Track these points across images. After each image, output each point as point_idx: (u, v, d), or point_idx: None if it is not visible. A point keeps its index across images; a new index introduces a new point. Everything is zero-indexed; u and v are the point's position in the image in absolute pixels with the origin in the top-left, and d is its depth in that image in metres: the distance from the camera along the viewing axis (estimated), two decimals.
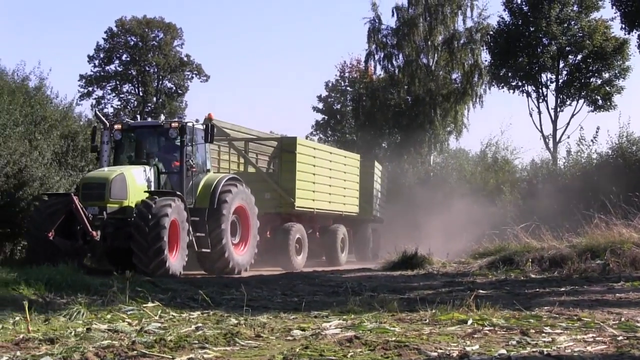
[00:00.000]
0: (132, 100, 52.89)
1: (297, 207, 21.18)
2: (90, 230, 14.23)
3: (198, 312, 7.89)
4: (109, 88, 53.03)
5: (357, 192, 25.28)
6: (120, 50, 53.10)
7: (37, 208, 15.25)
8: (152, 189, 15.44)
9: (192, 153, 16.28)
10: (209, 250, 15.66)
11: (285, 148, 21.58)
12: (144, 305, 7.91)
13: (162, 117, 17.58)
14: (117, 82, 53.19)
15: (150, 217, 14.06)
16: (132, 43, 52.74)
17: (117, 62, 53.17)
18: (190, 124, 16.34)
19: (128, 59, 52.93)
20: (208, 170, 16.96)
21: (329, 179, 23.30)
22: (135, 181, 15.21)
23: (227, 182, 16.46)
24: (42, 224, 14.39)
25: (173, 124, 16.33)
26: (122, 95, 52.86)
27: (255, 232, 17.28)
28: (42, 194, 16.80)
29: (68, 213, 14.44)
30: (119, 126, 16.76)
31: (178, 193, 15.28)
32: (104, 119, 17.22)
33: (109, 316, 7.30)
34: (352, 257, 25.69)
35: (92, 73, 52.68)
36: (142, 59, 52.64)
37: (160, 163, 16.25)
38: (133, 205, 14.79)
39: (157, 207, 14.23)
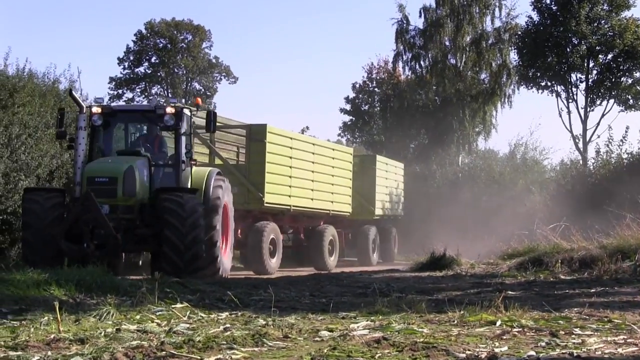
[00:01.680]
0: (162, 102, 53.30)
1: (267, 203, 18.77)
2: (115, 232, 12.76)
3: (226, 313, 7.92)
4: (139, 90, 53.51)
5: (350, 189, 23.22)
6: (150, 53, 53.54)
7: (35, 203, 13.22)
8: (148, 184, 13.86)
9: (191, 143, 14.63)
10: (203, 254, 13.83)
11: (254, 137, 18.93)
12: (173, 306, 7.96)
13: (155, 101, 15.64)
14: (146, 84, 53.64)
15: (185, 217, 12.83)
16: (161, 45, 53.17)
17: (146, 64, 53.66)
18: (187, 110, 14.73)
19: (157, 61, 53.33)
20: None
21: (312, 174, 20.93)
22: (141, 175, 13.63)
23: (217, 177, 14.84)
24: (44, 223, 12.93)
25: (168, 109, 14.18)
26: (151, 97, 53.39)
27: (233, 232, 15.79)
28: (36, 188, 15.02)
29: (77, 212, 12.95)
30: (98, 110, 14.39)
31: (194, 189, 14.00)
32: (79, 100, 14.73)
33: (138, 317, 7.35)
34: (352, 261, 24.39)
35: (121, 75, 53.18)
36: (170, 61, 53.01)
37: (148, 154, 14.34)
38: (137, 203, 13.40)
39: (190, 206, 12.97)
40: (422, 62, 38.50)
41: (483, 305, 7.49)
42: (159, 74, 53.44)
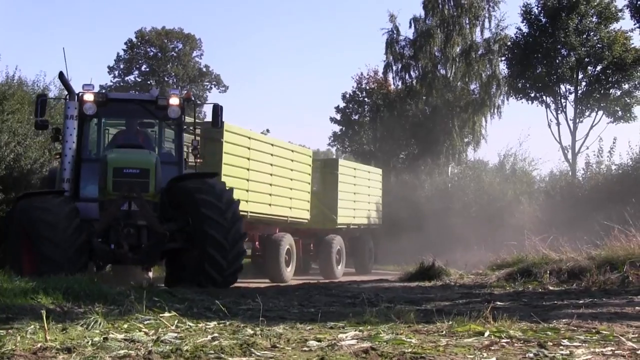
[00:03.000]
0: None
1: None
2: (163, 230, 11.60)
3: (214, 322, 7.88)
4: None
5: (308, 194, 21.80)
6: (140, 61, 53.58)
7: (47, 212, 11.67)
8: None
9: (196, 139, 13.53)
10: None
11: (210, 135, 17.27)
12: (161, 315, 7.92)
13: (156, 90, 13.89)
14: (136, 93, 53.65)
15: (219, 194, 11.89)
16: (151, 54, 53.22)
17: (136, 72, 53.71)
18: (191, 102, 13.74)
19: (147, 69, 53.34)
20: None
21: (270, 177, 19.52)
22: None
23: None
24: (65, 235, 11.44)
25: (172, 100, 12.92)
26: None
27: None
28: (33, 192, 13.01)
29: (116, 207, 11.69)
30: (91, 97, 12.79)
31: (213, 173, 12.95)
32: (70, 85, 13.06)
33: (125, 326, 7.31)
34: (315, 273, 23.16)
35: (112, 83, 53.15)
36: (161, 70, 53.03)
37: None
38: (159, 200, 12.24)
39: (220, 189, 11.98)
40: (412, 73, 38.67)
41: (471, 316, 7.49)
42: (149, 82, 53.48)
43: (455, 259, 19.35)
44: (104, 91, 14.06)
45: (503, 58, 36.71)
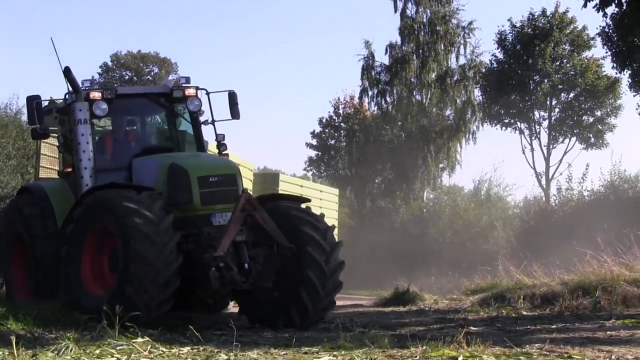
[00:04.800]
0: None
1: None
2: (290, 244, 9.80)
3: (188, 348, 7.84)
4: None
5: None
6: (115, 85, 53.39)
7: (142, 219, 9.28)
8: None
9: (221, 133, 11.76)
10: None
11: None
12: (134, 340, 7.84)
13: (170, 81, 11.90)
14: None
15: (329, 250, 10.28)
16: (127, 77, 53.04)
17: None
18: (204, 92, 11.70)
19: None
20: None
21: None
22: None
23: None
24: (167, 255, 9.35)
25: (189, 91, 11.25)
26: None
27: None
28: (117, 184, 10.09)
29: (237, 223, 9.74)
30: (98, 94, 10.72)
31: (306, 198, 11.42)
32: (78, 83, 10.65)
33: (97, 351, 7.23)
34: None
35: None
36: None
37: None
38: None
39: (331, 235, 10.50)
40: (387, 98, 38.83)
41: (445, 341, 7.49)
42: None
43: (429, 284, 19.39)
44: (114, 87, 12.29)
45: (478, 84, 37.05)
